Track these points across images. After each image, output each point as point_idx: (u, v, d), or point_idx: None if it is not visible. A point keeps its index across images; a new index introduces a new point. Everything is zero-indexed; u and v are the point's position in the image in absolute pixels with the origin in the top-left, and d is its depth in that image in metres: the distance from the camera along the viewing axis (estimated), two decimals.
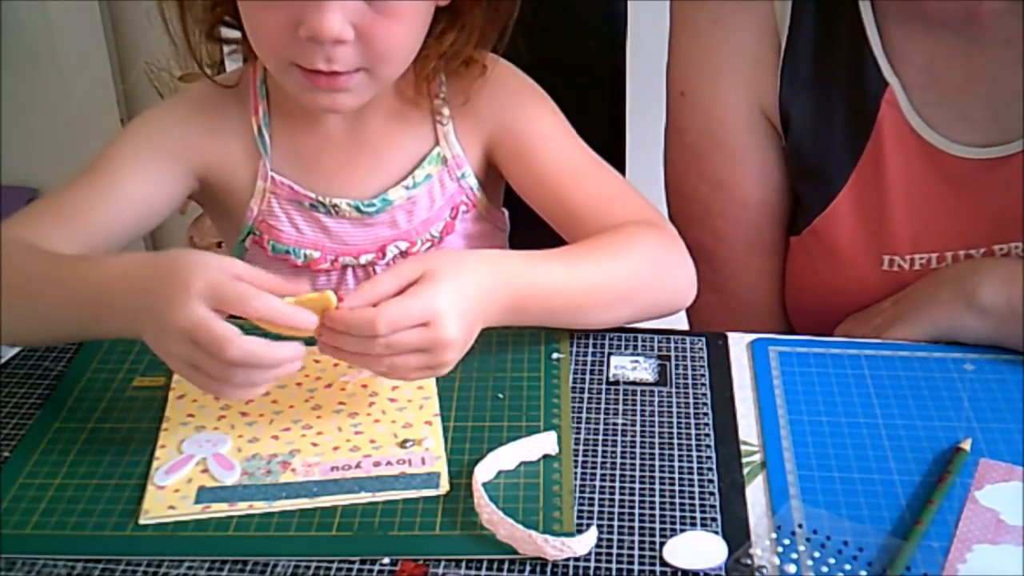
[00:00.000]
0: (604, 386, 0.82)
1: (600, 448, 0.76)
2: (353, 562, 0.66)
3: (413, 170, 0.94)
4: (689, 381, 0.82)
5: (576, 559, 0.66)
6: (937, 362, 0.84)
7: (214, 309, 0.69)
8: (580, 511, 0.70)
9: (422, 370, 0.74)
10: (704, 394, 0.81)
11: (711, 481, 0.72)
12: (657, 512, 0.70)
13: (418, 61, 0.90)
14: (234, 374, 0.70)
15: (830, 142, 0.94)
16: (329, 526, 0.69)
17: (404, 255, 0.96)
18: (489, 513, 0.67)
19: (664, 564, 0.66)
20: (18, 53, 2.10)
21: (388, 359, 0.72)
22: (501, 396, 0.80)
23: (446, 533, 0.68)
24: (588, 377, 0.83)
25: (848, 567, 0.65)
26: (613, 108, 1.19)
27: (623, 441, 0.76)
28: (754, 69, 0.95)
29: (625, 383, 0.82)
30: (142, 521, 0.69)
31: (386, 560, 0.66)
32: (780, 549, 0.66)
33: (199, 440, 0.76)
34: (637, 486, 0.72)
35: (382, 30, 0.81)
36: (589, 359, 0.85)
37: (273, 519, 0.69)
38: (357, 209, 0.94)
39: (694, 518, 0.69)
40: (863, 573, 0.64)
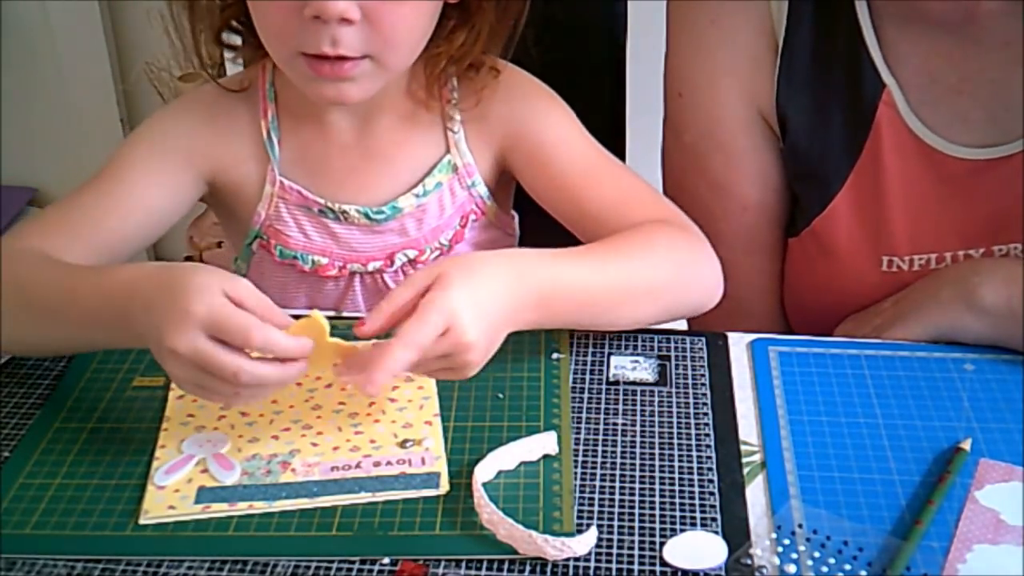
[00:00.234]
0: (604, 386, 0.82)
1: (600, 448, 0.76)
2: (353, 562, 0.66)
3: (423, 178, 0.93)
4: (689, 381, 0.82)
5: (576, 559, 0.66)
6: (937, 362, 0.84)
7: (213, 338, 0.68)
8: (580, 511, 0.70)
9: (445, 372, 0.73)
10: (704, 394, 0.81)
11: (711, 481, 0.72)
12: (657, 512, 0.70)
13: (429, 61, 0.89)
14: (241, 394, 0.71)
15: (828, 143, 0.94)
16: (329, 526, 0.69)
17: (413, 263, 0.95)
18: (489, 513, 0.67)
19: (664, 564, 0.66)
20: (18, 53, 2.10)
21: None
22: (501, 396, 0.80)
23: (446, 533, 0.68)
24: (588, 377, 0.83)
25: (848, 567, 0.65)
26: (613, 108, 1.19)
27: (623, 441, 0.76)
28: (752, 70, 0.95)
29: (625, 383, 0.82)
30: (142, 521, 0.69)
31: (386, 560, 0.66)
32: (780, 549, 0.66)
33: (199, 440, 0.76)
34: (637, 486, 0.72)
35: (389, 13, 0.80)
36: (589, 359, 0.85)
37: (273, 519, 0.69)
38: (366, 216, 0.93)
39: (694, 518, 0.69)
40: (863, 573, 0.64)
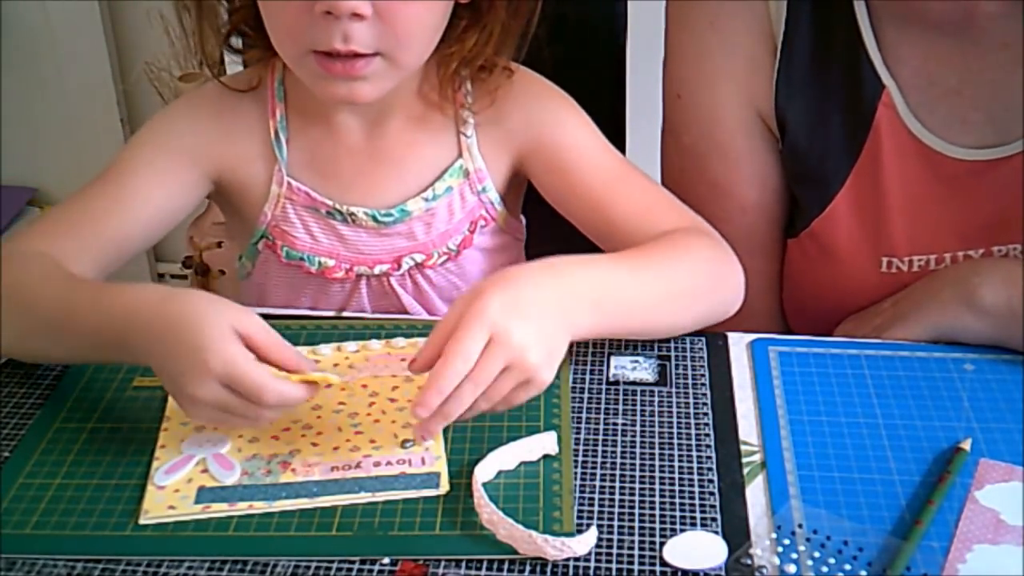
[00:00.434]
0: (604, 386, 0.82)
1: (600, 448, 0.76)
2: (353, 562, 0.66)
3: (434, 182, 0.93)
4: (689, 381, 0.82)
5: (576, 559, 0.66)
6: (937, 362, 0.84)
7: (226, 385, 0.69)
8: (580, 511, 0.70)
9: (521, 390, 0.72)
10: (704, 394, 0.81)
11: (711, 481, 0.72)
12: (657, 512, 0.70)
13: (441, 62, 0.89)
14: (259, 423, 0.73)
15: (827, 145, 0.94)
16: (329, 526, 0.69)
17: (420, 267, 0.95)
18: (489, 513, 0.67)
19: (664, 564, 0.66)
20: (18, 53, 2.10)
21: (482, 394, 0.70)
22: None
23: (446, 533, 0.68)
24: (588, 377, 0.83)
25: (848, 567, 0.65)
26: (613, 108, 1.19)
27: (623, 441, 0.76)
28: (750, 72, 0.95)
29: (625, 383, 0.82)
30: (142, 521, 0.69)
31: (386, 560, 0.66)
32: (780, 549, 0.66)
33: (199, 440, 0.76)
34: (637, 486, 0.72)
35: (400, 9, 0.79)
36: (589, 359, 0.85)
37: (273, 519, 0.69)
38: (374, 218, 0.92)
39: (694, 518, 0.69)
40: (863, 573, 0.64)
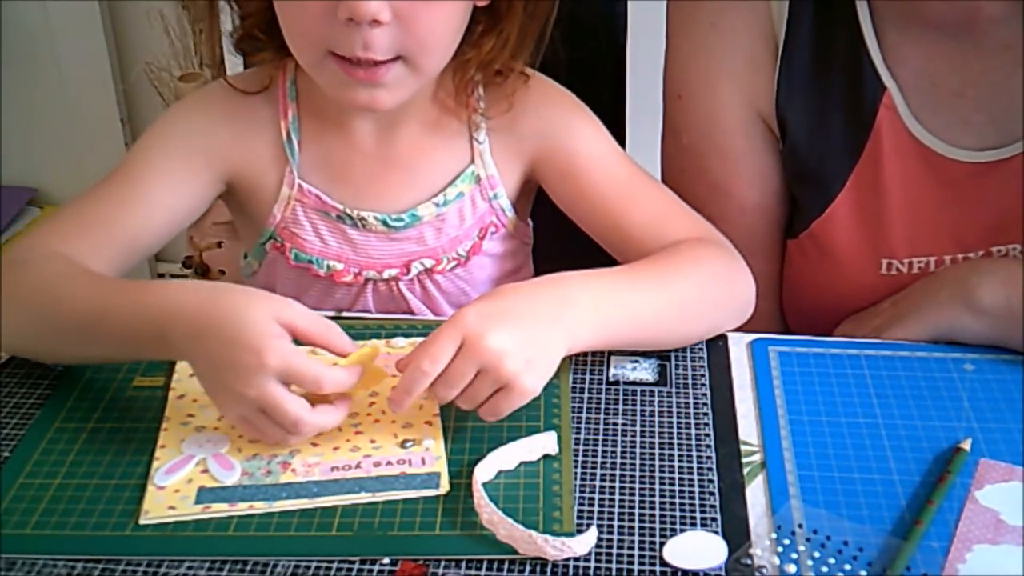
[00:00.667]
0: (604, 386, 0.82)
1: (600, 448, 0.76)
2: (353, 562, 0.66)
3: (445, 187, 0.92)
4: (689, 381, 0.82)
5: (576, 559, 0.66)
6: (937, 362, 0.84)
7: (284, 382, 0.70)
8: (580, 511, 0.70)
9: (501, 398, 0.73)
10: (704, 394, 0.81)
11: (711, 481, 0.72)
12: (657, 512, 0.70)
13: (458, 68, 0.88)
14: (289, 439, 0.73)
15: (828, 146, 0.94)
16: (329, 526, 0.69)
17: (429, 272, 0.95)
18: (489, 513, 0.67)
19: (664, 564, 0.66)
20: (18, 53, 2.10)
21: (461, 396, 0.73)
22: None
23: (446, 533, 0.68)
24: (588, 377, 0.83)
25: (848, 567, 0.65)
26: (613, 108, 1.19)
27: (623, 441, 0.76)
28: (751, 72, 0.95)
29: (625, 383, 0.82)
30: (142, 521, 0.69)
31: (386, 560, 0.66)
32: (780, 549, 0.66)
33: (199, 440, 0.76)
34: (637, 486, 0.72)
35: (422, 13, 0.79)
36: (589, 359, 0.85)
37: (273, 519, 0.69)
38: (384, 223, 0.92)
39: (694, 518, 0.69)
40: (863, 573, 0.64)
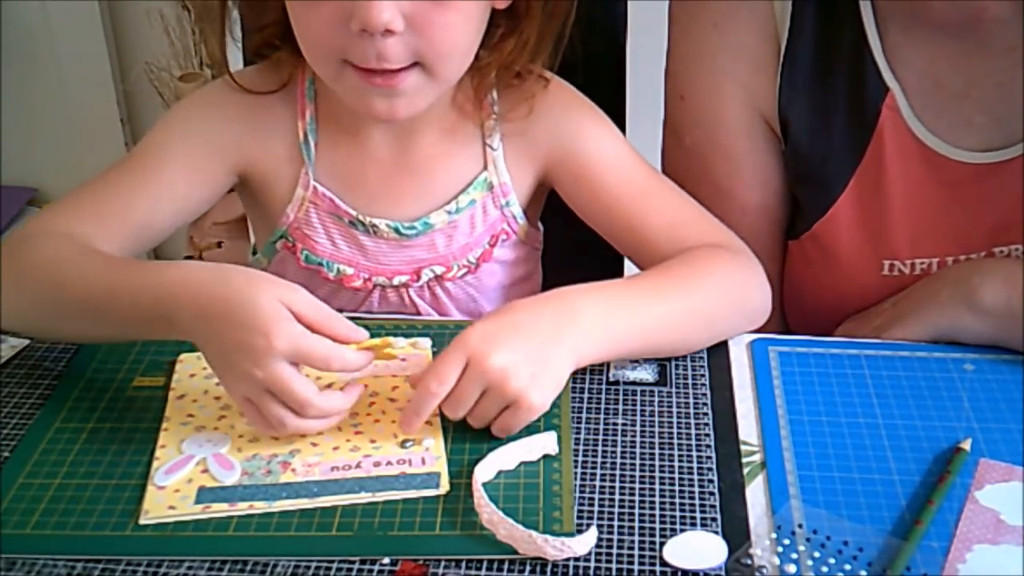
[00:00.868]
0: (604, 386, 0.82)
1: (600, 448, 0.76)
2: (353, 562, 0.66)
3: (458, 195, 0.92)
4: (689, 381, 0.82)
5: (576, 559, 0.66)
6: (937, 362, 0.84)
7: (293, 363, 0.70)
8: (580, 511, 0.70)
9: (510, 414, 0.74)
10: (704, 394, 0.81)
11: (711, 481, 0.72)
12: (657, 512, 0.70)
13: (477, 72, 0.87)
14: (292, 424, 0.73)
15: (830, 147, 0.94)
16: (329, 526, 0.69)
17: (440, 279, 0.94)
18: (489, 513, 0.67)
19: (664, 564, 0.66)
20: (18, 53, 2.10)
21: (471, 415, 0.74)
22: None
23: (446, 533, 0.68)
24: (588, 377, 0.83)
25: (848, 567, 0.65)
26: (613, 108, 1.19)
27: (623, 441, 0.76)
28: (754, 73, 0.95)
29: (625, 383, 0.82)
30: (142, 521, 0.69)
31: (386, 560, 0.66)
32: (780, 549, 0.66)
33: (199, 440, 0.76)
34: (637, 486, 0.72)
35: (436, 19, 0.78)
36: None
37: (273, 519, 0.69)
38: (396, 231, 0.92)
39: (694, 518, 0.69)
40: (863, 573, 0.64)
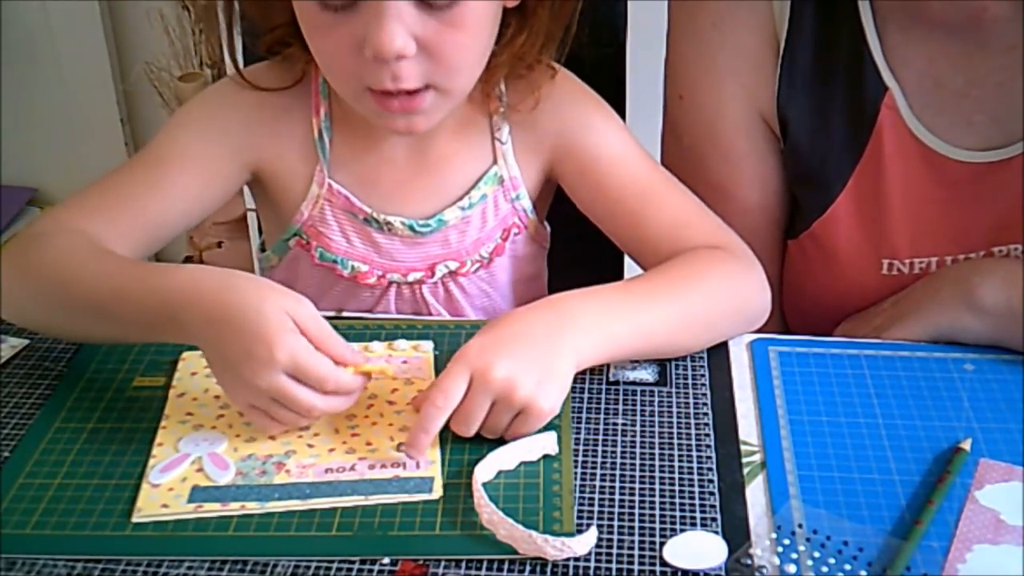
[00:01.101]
0: (604, 386, 0.82)
1: (600, 448, 0.76)
2: (353, 562, 0.66)
3: (470, 190, 0.92)
4: (689, 381, 0.82)
5: (576, 559, 0.66)
6: (937, 362, 0.84)
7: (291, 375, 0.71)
8: (580, 511, 0.70)
9: (520, 421, 0.74)
10: (704, 394, 0.81)
11: (711, 481, 0.72)
12: (657, 512, 0.70)
13: (490, 68, 0.86)
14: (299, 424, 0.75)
15: (829, 146, 0.94)
16: (329, 526, 0.69)
17: (453, 275, 0.94)
18: (489, 513, 0.67)
19: (664, 564, 0.66)
20: (18, 53, 2.10)
21: (483, 428, 0.74)
22: None
23: (446, 533, 0.68)
24: (588, 377, 0.83)
25: (848, 567, 0.65)
26: (613, 108, 1.19)
27: (623, 441, 0.76)
28: (753, 72, 0.95)
29: (625, 383, 0.82)
30: (135, 519, 0.69)
31: (386, 560, 0.66)
32: (780, 549, 0.66)
33: (196, 439, 0.76)
34: (637, 486, 0.72)
35: (447, 41, 0.78)
36: None
37: (273, 519, 0.69)
38: (411, 228, 0.92)
39: (694, 518, 0.69)
40: (863, 573, 0.64)
